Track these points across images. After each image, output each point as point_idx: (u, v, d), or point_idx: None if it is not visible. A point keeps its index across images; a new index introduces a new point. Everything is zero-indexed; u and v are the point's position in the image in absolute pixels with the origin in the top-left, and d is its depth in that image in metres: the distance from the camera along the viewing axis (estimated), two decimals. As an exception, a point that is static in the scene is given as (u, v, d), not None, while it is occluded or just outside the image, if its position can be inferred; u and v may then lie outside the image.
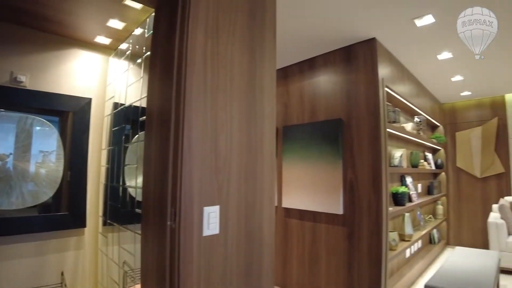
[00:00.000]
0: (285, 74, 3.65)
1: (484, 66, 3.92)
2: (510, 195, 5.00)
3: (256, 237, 1.54)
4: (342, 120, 3.06)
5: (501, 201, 4.43)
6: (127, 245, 2.33)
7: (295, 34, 2.94)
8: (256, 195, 1.54)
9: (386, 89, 3.07)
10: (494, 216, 4.39)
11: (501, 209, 4.32)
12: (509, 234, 4.17)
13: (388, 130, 3.00)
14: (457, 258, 3.20)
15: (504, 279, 3.77)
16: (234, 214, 1.43)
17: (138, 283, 2.01)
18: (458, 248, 3.62)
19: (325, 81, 3.27)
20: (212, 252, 1.32)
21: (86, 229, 2.54)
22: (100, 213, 2.62)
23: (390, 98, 3.37)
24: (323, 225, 3.14)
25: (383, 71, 3.05)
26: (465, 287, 2.40)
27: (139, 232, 1.52)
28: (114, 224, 2.43)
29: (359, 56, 3.03)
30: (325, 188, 3.07)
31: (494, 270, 2.82)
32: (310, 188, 3.20)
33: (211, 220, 1.31)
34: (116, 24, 2.29)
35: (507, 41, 3.19)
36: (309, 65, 3.43)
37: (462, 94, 5.23)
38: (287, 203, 3.42)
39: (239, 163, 1.45)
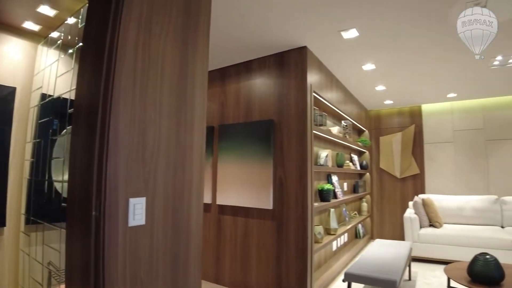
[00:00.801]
0: (223, 74, 3.76)
1: (402, 79, 4.42)
2: (423, 193, 5.67)
3: (183, 229, 1.61)
4: (274, 121, 3.26)
5: (415, 198, 5.01)
6: (54, 244, 2.24)
7: (232, 36, 3.05)
8: (184, 188, 1.61)
9: (314, 94, 3.33)
10: (409, 212, 4.95)
11: (415, 206, 4.89)
12: (421, 227, 4.74)
13: (315, 132, 3.27)
14: (375, 249, 3.57)
15: (415, 266, 4.28)
16: (161, 206, 1.48)
17: (63, 283, 1.96)
18: (377, 240, 4.02)
19: (260, 84, 3.44)
20: (138, 242, 1.36)
21: (5, 228, 2.39)
22: (23, 210, 2.48)
23: (318, 103, 3.65)
24: (254, 220, 3.31)
25: (312, 78, 3.31)
26: (379, 272, 2.70)
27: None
28: (39, 221, 2.32)
29: (291, 63, 3.25)
30: (257, 185, 3.25)
31: (405, 257, 3.20)
32: (244, 185, 3.35)
33: (137, 211, 1.36)
34: (46, 10, 2.19)
35: (422, 60, 3.65)
36: (246, 68, 3.58)
37: (385, 102, 5.81)
38: (221, 200, 3.53)
39: (167, 157, 1.51)
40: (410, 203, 5.22)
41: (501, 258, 3.65)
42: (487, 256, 2.66)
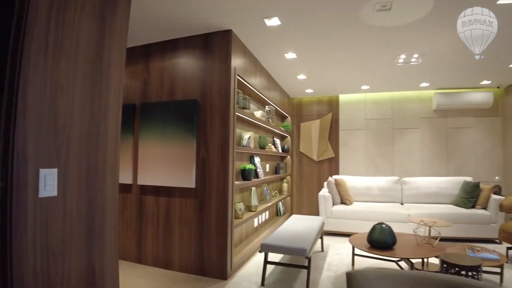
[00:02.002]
0: (147, 51, 3.66)
1: (322, 70, 4.79)
2: (337, 175, 6.27)
3: (98, 202, 1.62)
4: (198, 101, 3.32)
5: (329, 178, 5.53)
6: None
7: (155, 13, 2.99)
8: (99, 161, 1.62)
9: (238, 78, 3.47)
10: (324, 191, 5.45)
11: (329, 185, 5.40)
12: (333, 204, 5.26)
13: (238, 114, 3.42)
14: (291, 223, 3.90)
15: (328, 240, 4.77)
16: (74, 177, 1.48)
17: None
18: (294, 215, 4.39)
19: (185, 63, 3.45)
20: (50, 213, 1.35)
21: None
22: None
23: (242, 86, 3.80)
24: (177, 199, 3.37)
25: (237, 61, 3.43)
26: (292, 242, 2.99)
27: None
28: None
29: (215, 45, 3.32)
30: (180, 164, 3.30)
31: (317, 230, 3.57)
32: (166, 164, 3.36)
33: (48, 182, 1.34)
34: None
35: (339, 54, 4.01)
36: (172, 46, 3.53)
37: (306, 91, 6.22)
38: (143, 180, 3.50)
39: (80, 129, 1.51)
40: (325, 183, 5.73)
41: (399, 229, 4.29)
42: (383, 225, 3.12)
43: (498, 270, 3.04)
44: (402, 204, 5.49)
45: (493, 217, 4.64)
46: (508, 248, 3.86)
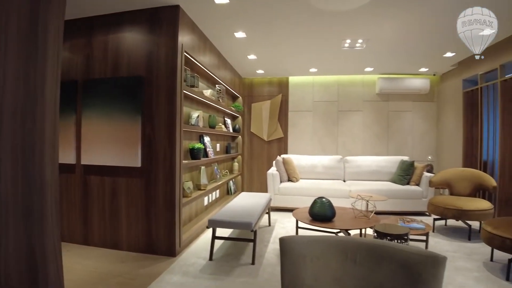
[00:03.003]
0: (90, 25, 3.43)
1: (272, 51, 4.86)
2: (286, 154, 6.51)
3: (36, 182, 1.57)
4: (144, 78, 3.23)
5: (277, 157, 5.71)
6: None
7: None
8: (36, 139, 1.55)
9: (186, 54, 3.42)
10: (272, 169, 5.63)
11: (277, 164, 5.59)
12: (281, 181, 5.47)
13: (186, 92, 3.39)
14: (239, 200, 4.01)
15: (275, 215, 4.99)
16: (8, 155, 1.42)
17: None
18: (242, 193, 4.52)
19: (130, 38, 3.31)
20: None
21: None
22: None
23: (190, 64, 3.76)
24: (123, 178, 3.31)
25: (185, 38, 3.37)
26: (238, 217, 3.10)
27: None
28: None
29: (163, 20, 3.22)
30: (125, 143, 3.22)
31: (263, 205, 3.72)
32: (111, 143, 3.26)
33: (-22, 162, 1.29)
34: None
35: (289, 36, 4.08)
36: (117, 20, 3.35)
37: (257, 71, 6.28)
38: (87, 160, 3.37)
39: (14, 107, 1.44)
40: (274, 162, 5.92)
41: (341, 204, 4.59)
42: (323, 199, 3.35)
43: (424, 238, 3.43)
44: (344, 181, 5.87)
45: (424, 192, 5.16)
46: (435, 219, 4.36)
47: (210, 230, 3.39)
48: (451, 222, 4.60)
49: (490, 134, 4.79)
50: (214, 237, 3.14)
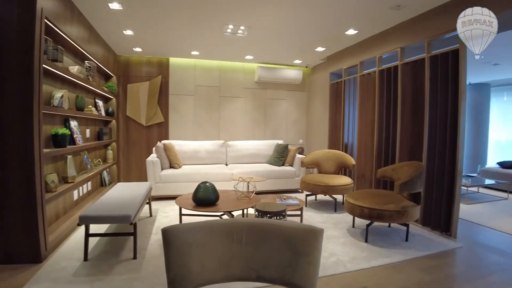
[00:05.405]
0: None
1: (151, 28, 4.49)
2: (167, 139, 6.23)
3: None
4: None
5: (158, 143, 5.41)
6: None
7: None
8: None
9: (48, 22, 2.85)
10: (152, 156, 5.31)
11: (157, 150, 5.29)
12: (162, 169, 5.21)
13: (46, 67, 2.83)
14: (115, 191, 3.63)
15: (157, 204, 4.75)
16: None
17: None
18: (118, 183, 4.11)
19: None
20: None
21: None
22: None
23: (54, 35, 3.17)
24: (-44, 173, 2.58)
25: (47, 2, 2.80)
26: (115, 210, 2.78)
27: None
28: None
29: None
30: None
31: (143, 196, 3.45)
32: None
33: None
34: None
35: (171, 13, 3.80)
36: None
37: (135, 49, 5.76)
38: None
39: None
40: (154, 149, 5.60)
41: (224, 187, 4.65)
42: (207, 184, 3.32)
43: (299, 213, 3.80)
44: (227, 165, 6.00)
45: (297, 172, 5.78)
46: (307, 195, 4.95)
47: (83, 227, 2.97)
48: (320, 197, 5.29)
49: (350, 121, 5.59)
50: (87, 235, 2.77)
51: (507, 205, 5.13)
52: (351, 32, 4.61)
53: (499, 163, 6.72)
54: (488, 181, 5.80)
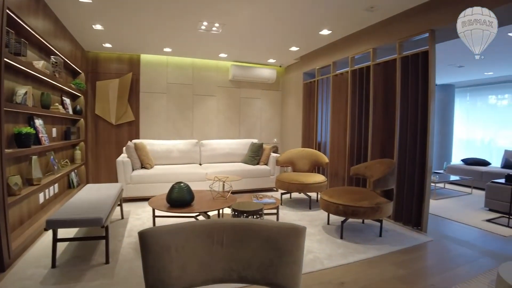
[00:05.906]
0: None
1: (122, 23, 4.34)
2: (138, 139, 6.03)
3: None
4: None
5: (128, 143, 5.23)
6: None
7: None
8: None
9: (10, 13, 2.67)
10: (122, 156, 5.13)
11: (128, 150, 5.12)
12: (133, 169, 5.05)
13: (7, 61, 2.64)
14: (84, 193, 3.46)
15: (128, 206, 4.59)
16: None
17: None
18: (87, 185, 3.92)
19: None
20: None
21: None
22: None
23: (17, 27, 2.97)
24: None
25: (9, -8, 2.62)
26: (85, 213, 2.65)
27: None
28: None
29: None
30: None
31: (113, 197, 3.31)
32: None
33: None
34: None
35: (143, 8, 3.67)
36: None
37: (104, 45, 5.54)
38: None
39: None
40: (124, 148, 5.43)
41: (198, 187, 4.57)
42: (181, 184, 3.24)
43: (275, 211, 3.82)
44: (200, 164, 5.91)
45: (272, 170, 5.80)
46: (282, 194, 5.00)
47: (50, 232, 2.80)
48: (295, 195, 5.34)
49: (323, 120, 5.67)
50: (55, 240, 2.62)
51: (471, 199, 5.41)
52: (325, 32, 4.67)
53: (463, 160, 7.09)
54: (453, 177, 6.09)
